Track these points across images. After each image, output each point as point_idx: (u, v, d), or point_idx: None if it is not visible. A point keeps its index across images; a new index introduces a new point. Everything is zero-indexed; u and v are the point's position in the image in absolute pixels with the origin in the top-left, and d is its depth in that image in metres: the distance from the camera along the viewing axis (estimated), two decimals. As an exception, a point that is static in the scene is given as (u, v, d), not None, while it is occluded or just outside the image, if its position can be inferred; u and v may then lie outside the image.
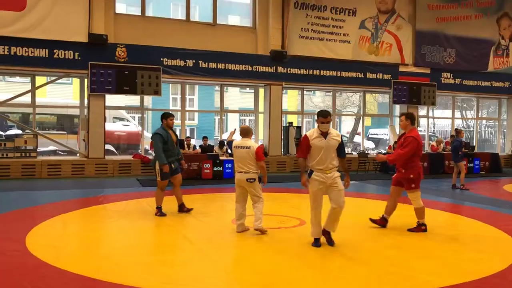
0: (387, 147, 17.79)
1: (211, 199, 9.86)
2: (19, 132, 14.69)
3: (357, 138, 23.93)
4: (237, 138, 6.73)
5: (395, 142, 16.35)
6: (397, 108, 18.36)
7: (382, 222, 6.96)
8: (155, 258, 5.29)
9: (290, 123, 16.73)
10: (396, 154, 6.70)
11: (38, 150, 13.59)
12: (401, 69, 17.26)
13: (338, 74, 16.31)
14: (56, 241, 5.98)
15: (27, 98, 13.79)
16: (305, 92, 17.62)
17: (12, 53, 12.43)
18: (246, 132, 6.60)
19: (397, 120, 18.41)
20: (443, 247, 6.01)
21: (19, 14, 12.41)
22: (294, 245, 5.93)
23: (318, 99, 29.76)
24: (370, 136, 26.01)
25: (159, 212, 7.60)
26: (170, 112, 8.34)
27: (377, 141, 24.98)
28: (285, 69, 15.51)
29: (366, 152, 17.42)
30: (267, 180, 6.55)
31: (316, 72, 15.96)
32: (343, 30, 16.19)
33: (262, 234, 6.32)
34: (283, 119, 16.23)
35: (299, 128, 16.52)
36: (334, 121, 18.95)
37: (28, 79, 14.28)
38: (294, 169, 15.57)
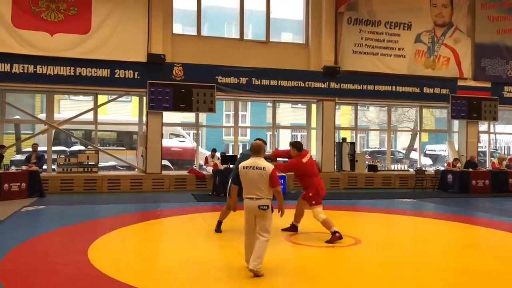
0: (445, 164, 17.14)
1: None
2: (82, 148, 15.46)
3: (414, 155, 23.26)
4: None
5: (454, 159, 15.82)
6: (456, 124, 17.71)
7: (292, 229, 7.56)
8: (209, 274, 5.35)
9: (344, 139, 16.53)
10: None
11: (99, 165, 14.22)
12: (460, 83, 16.69)
13: (393, 89, 16.02)
14: (116, 254, 6.21)
15: (89, 116, 14.52)
16: (358, 108, 17.41)
17: (77, 74, 13.16)
18: (257, 150, 5.39)
19: (456, 136, 17.76)
20: (509, 270, 5.70)
21: (84, 37, 13.16)
22: (350, 264, 5.83)
23: (373, 114, 29.23)
24: (427, 152, 25.19)
25: (217, 227, 7.53)
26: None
27: (435, 158, 24.15)
28: (338, 84, 15.41)
29: (424, 169, 16.87)
30: (284, 210, 5.42)
31: (370, 87, 15.75)
32: (398, 44, 15.93)
33: (257, 276, 5.09)
34: (336, 134, 16.08)
35: (352, 144, 16.28)
36: (389, 137, 18.50)
37: (90, 98, 15.03)
38: (347, 186, 15.33)
